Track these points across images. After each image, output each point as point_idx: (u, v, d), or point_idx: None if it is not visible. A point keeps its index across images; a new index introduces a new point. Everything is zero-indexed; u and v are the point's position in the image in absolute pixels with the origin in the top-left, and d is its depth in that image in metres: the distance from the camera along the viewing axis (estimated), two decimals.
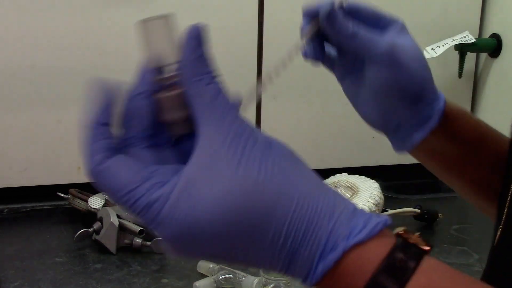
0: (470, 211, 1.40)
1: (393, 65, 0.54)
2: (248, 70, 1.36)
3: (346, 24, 0.54)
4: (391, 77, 0.55)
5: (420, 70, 0.55)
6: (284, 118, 1.44)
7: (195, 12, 1.32)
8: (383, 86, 0.55)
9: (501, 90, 1.49)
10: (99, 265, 1.07)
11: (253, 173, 0.34)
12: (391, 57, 0.54)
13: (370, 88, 0.57)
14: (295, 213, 0.34)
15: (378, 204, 1.09)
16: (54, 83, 1.29)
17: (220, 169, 0.34)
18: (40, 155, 1.33)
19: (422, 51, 0.57)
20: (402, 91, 0.55)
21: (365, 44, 0.54)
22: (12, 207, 1.32)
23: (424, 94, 0.56)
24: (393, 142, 0.61)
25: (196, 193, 0.34)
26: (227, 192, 0.34)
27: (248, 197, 0.34)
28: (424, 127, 0.57)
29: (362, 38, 0.54)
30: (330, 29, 0.54)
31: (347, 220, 0.35)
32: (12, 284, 0.99)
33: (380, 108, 0.57)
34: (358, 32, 0.54)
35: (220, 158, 0.34)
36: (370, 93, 0.57)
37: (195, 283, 0.96)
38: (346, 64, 0.59)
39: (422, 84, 0.56)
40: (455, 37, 1.43)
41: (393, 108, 0.56)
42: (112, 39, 1.30)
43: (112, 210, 1.13)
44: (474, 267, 1.08)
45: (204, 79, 0.37)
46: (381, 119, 0.58)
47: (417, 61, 0.55)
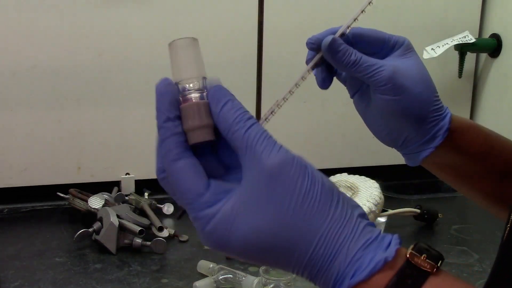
0: (470, 211, 1.41)
1: (395, 90, 0.56)
2: (248, 70, 1.36)
3: (347, 53, 0.57)
4: (395, 101, 0.57)
5: (423, 93, 0.57)
6: (284, 118, 1.44)
7: (195, 12, 1.32)
8: (387, 109, 0.58)
9: (501, 90, 1.49)
10: (99, 265, 1.07)
11: (280, 216, 0.40)
12: (393, 83, 0.56)
13: (376, 108, 0.59)
14: (313, 255, 0.41)
15: (378, 204, 1.08)
16: (54, 83, 1.29)
17: (256, 209, 0.40)
18: (40, 155, 1.33)
19: (427, 71, 0.59)
20: (406, 113, 0.57)
21: (367, 71, 0.57)
22: (12, 207, 1.32)
23: (428, 115, 0.58)
24: (403, 156, 0.63)
25: (235, 222, 0.41)
26: (258, 230, 0.40)
27: (273, 239, 0.40)
28: (430, 145, 0.59)
29: (363, 65, 0.57)
30: (332, 60, 0.57)
31: (356, 259, 0.40)
32: (12, 284, 0.99)
33: (387, 127, 0.60)
34: (360, 61, 0.57)
35: (257, 199, 0.40)
36: (377, 113, 0.59)
37: (195, 283, 0.96)
38: (354, 85, 0.62)
39: (426, 106, 0.58)
40: (455, 37, 1.43)
41: (399, 127, 0.59)
42: (112, 39, 1.30)
43: (112, 210, 1.13)
44: (474, 267, 1.08)
45: (239, 129, 0.41)
46: (389, 136, 0.61)
47: (420, 83, 0.57)
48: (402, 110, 0.57)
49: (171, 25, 1.31)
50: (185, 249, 1.13)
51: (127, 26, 1.30)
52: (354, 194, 1.11)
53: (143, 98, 1.34)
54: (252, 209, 0.40)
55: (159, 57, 1.33)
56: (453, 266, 1.09)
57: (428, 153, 0.59)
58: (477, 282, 1.00)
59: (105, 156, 1.36)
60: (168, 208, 1.29)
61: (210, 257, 1.06)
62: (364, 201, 1.08)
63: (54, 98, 1.30)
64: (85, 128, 1.34)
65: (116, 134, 1.36)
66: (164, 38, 1.47)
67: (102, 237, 1.10)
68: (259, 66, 1.27)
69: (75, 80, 1.30)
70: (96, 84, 1.32)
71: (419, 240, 0.43)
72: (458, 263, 1.10)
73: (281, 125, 1.45)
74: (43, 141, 1.32)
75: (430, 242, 1.20)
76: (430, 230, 1.26)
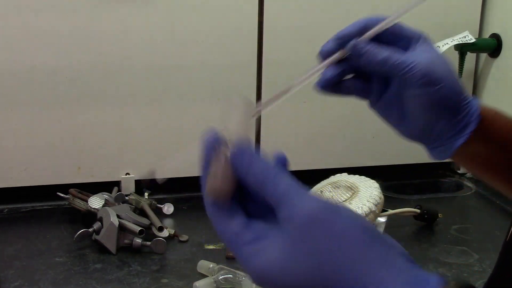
0: (470, 211, 1.41)
1: (433, 81, 0.55)
2: (248, 70, 1.36)
3: (375, 51, 0.55)
4: (434, 92, 0.56)
5: (454, 84, 0.57)
6: (284, 118, 1.44)
7: (195, 12, 1.32)
8: (421, 105, 0.56)
9: (501, 90, 1.49)
10: (99, 265, 1.07)
11: (322, 260, 0.40)
12: (430, 75, 0.55)
13: (408, 107, 0.58)
14: None
15: (378, 204, 1.08)
16: (54, 83, 1.29)
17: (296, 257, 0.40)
18: (40, 155, 1.33)
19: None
20: (444, 102, 0.56)
21: (399, 67, 0.55)
22: (12, 207, 1.32)
23: (461, 105, 0.58)
24: (432, 151, 0.62)
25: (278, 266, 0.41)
26: (295, 279, 0.40)
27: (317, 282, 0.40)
28: (465, 131, 0.58)
29: (394, 63, 0.55)
30: (359, 58, 0.56)
31: None
32: (12, 284, 0.99)
33: (419, 124, 0.58)
34: (389, 59, 0.55)
35: (295, 246, 0.40)
36: (413, 108, 0.58)
37: (195, 283, 0.96)
38: (377, 88, 0.60)
39: (459, 93, 0.57)
40: (455, 37, 1.43)
41: (436, 118, 0.58)
42: (112, 39, 1.30)
43: (112, 210, 1.13)
44: (474, 267, 1.08)
45: (277, 188, 0.41)
46: (420, 133, 0.60)
47: (450, 75, 0.56)
48: (440, 100, 0.56)
49: (171, 25, 1.31)
50: (185, 249, 1.13)
51: (127, 26, 1.30)
52: (354, 194, 1.11)
53: (143, 98, 1.34)
54: (293, 256, 0.40)
55: (159, 57, 1.33)
56: (453, 266, 1.09)
57: (463, 140, 0.58)
58: (477, 282, 1.00)
59: (105, 156, 1.36)
60: (168, 208, 1.29)
61: (210, 257, 1.07)
62: (364, 201, 1.08)
63: (54, 98, 1.30)
64: (85, 128, 1.34)
65: (116, 134, 1.36)
66: (164, 38, 1.48)
67: (102, 237, 1.10)
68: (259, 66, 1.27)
69: (75, 80, 1.30)
70: (96, 84, 1.32)
71: (459, 276, 0.41)
72: (458, 263, 1.10)
73: (281, 125, 1.45)
74: (43, 141, 1.32)
75: (430, 242, 1.21)
76: (430, 230, 1.26)
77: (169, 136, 1.38)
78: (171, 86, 1.36)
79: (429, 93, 0.56)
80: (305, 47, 0.89)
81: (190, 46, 1.33)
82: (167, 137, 1.37)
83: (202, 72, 1.36)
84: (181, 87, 1.36)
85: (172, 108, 1.37)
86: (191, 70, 1.35)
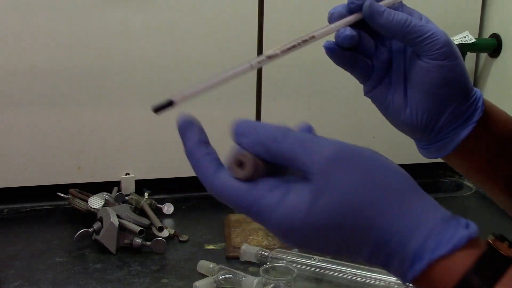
0: (470, 211, 1.40)
1: (451, 55, 0.53)
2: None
3: (392, 13, 0.52)
4: (449, 67, 0.53)
5: (465, 67, 0.55)
6: (284, 118, 1.44)
7: (195, 12, 1.32)
8: (435, 82, 0.53)
9: (501, 90, 1.49)
10: (99, 265, 1.07)
11: (355, 195, 0.39)
12: (448, 48, 0.53)
13: (418, 89, 0.54)
14: (393, 227, 0.38)
15: None
16: (54, 83, 1.29)
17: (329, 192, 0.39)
18: (40, 155, 1.33)
19: None
20: (455, 87, 0.54)
21: (421, 31, 0.52)
22: (12, 207, 1.32)
23: (471, 89, 0.56)
24: (429, 147, 0.59)
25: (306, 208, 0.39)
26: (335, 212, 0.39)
27: (351, 218, 0.39)
28: (469, 123, 0.56)
29: (414, 24, 0.52)
30: (378, 17, 0.52)
31: (436, 232, 0.38)
32: (12, 284, 0.99)
33: (427, 108, 0.55)
34: (409, 19, 0.52)
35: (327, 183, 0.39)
36: (417, 95, 0.55)
37: (195, 283, 0.96)
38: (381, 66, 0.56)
39: (468, 78, 0.55)
40: (455, 37, 1.43)
41: (443, 106, 0.55)
42: (112, 39, 1.30)
43: (112, 210, 1.13)
44: None
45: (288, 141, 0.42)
46: (424, 122, 0.56)
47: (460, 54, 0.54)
48: (455, 78, 0.53)
49: (171, 25, 1.31)
50: (185, 249, 1.13)
51: (127, 26, 1.30)
52: None
53: (143, 98, 1.34)
54: (324, 192, 0.38)
55: (159, 57, 1.33)
56: None
57: (469, 130, 0.56)
58: None
59: (105, 156, 1.36)
60: (168, 208, 1.29)
61: (210, 257, 1.07)
62: None
63: (54, 98, 1.30)
64: (85, 128, 1.34)
65: (116, 134, 1.36)
66: (164, 38, 1.48)
67: (102, 237, 1.10)
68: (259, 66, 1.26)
69: (75, 80, 1.30)
70: (96, 84, 1.32)
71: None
72: None
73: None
74: (43, 141, 1.32)
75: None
76: None
77: (169, 136, 1.37)
78: (171, 86, 1.36)
79: (446, 67, 0.52)
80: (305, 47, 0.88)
81: (190, 46, 1.33)
82: (167, 137, 1.37)
83: (202, 72, 1.36)
84: (181, 87, 1.36)
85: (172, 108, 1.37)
86: (191, 70, 1.35)
